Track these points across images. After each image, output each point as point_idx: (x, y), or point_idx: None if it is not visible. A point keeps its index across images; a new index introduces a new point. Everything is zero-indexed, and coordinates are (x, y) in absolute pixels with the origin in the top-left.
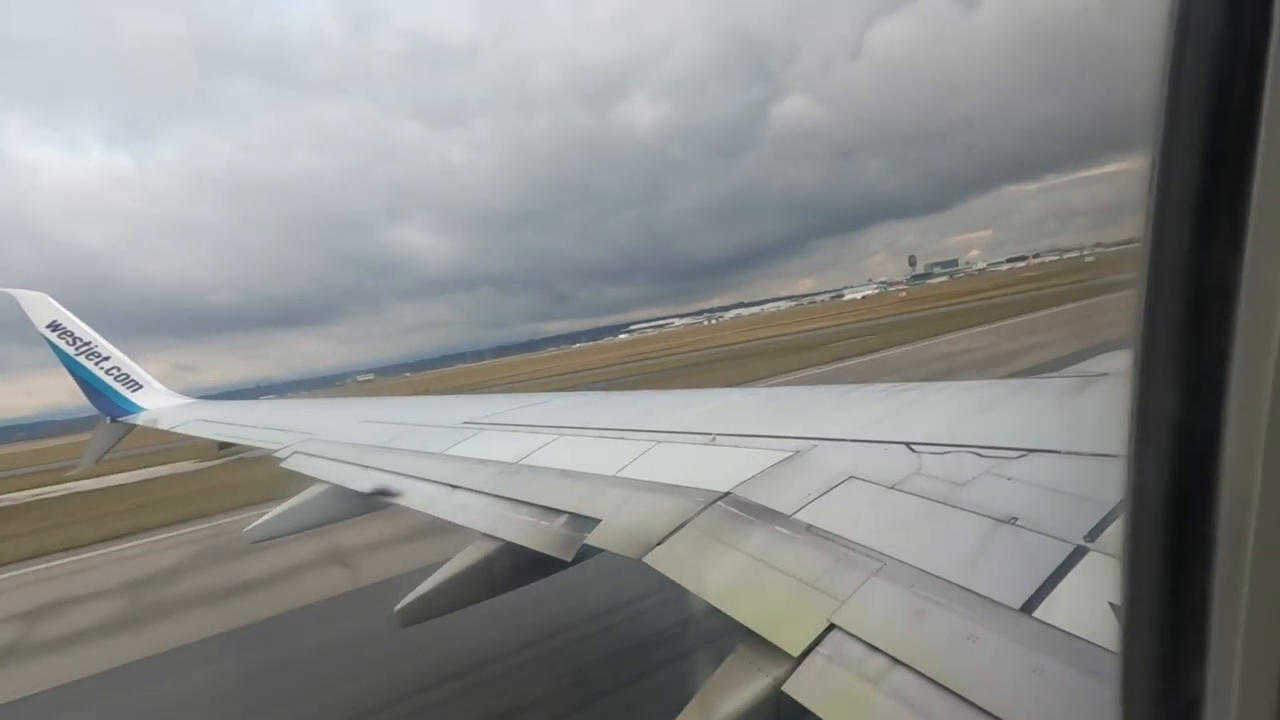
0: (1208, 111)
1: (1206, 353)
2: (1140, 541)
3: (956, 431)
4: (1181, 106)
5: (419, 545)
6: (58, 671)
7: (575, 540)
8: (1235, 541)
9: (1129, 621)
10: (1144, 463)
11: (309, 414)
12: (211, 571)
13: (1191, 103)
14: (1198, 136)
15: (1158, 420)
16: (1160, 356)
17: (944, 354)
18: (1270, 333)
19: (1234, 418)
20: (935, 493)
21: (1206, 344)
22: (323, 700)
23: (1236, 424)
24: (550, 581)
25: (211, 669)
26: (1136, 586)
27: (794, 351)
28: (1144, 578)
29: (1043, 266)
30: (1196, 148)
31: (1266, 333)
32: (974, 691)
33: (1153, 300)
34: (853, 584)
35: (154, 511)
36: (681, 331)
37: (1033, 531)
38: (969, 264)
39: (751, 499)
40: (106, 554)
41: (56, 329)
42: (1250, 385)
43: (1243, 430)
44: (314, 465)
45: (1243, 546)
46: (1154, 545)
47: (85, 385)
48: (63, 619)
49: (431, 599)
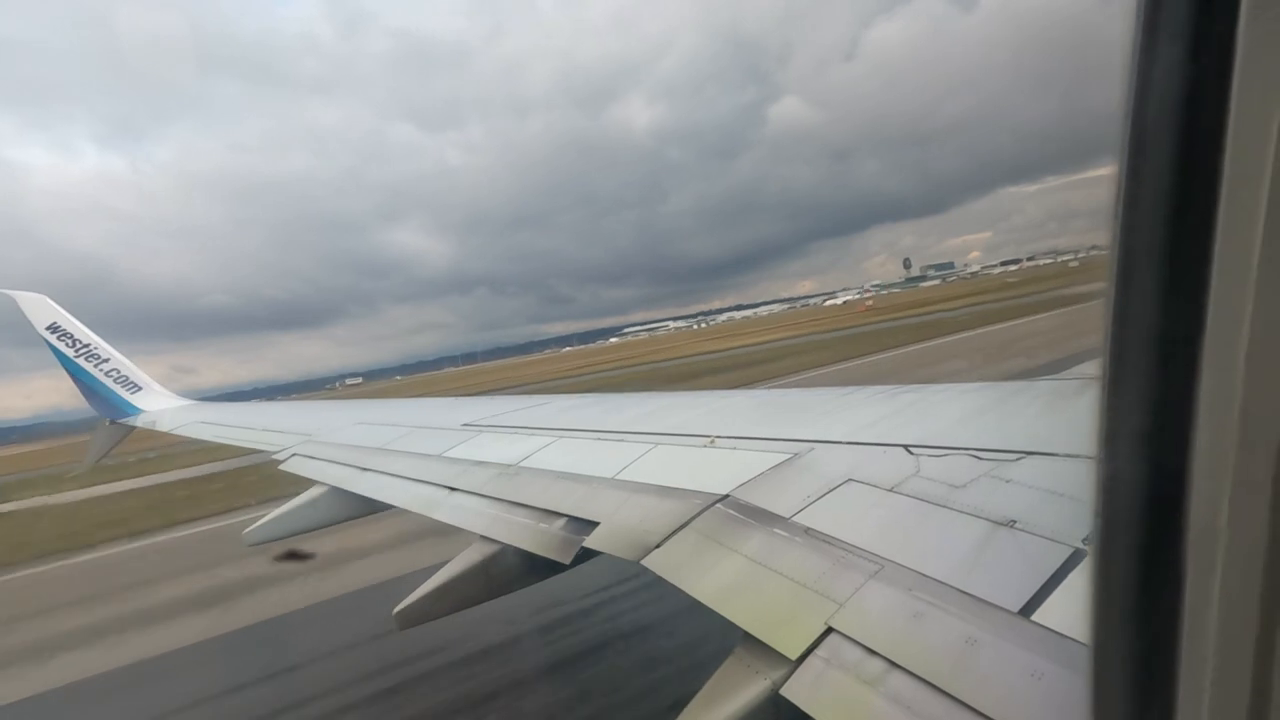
0: (1174, 120)
1: (1174, 359)
2: (1112, 547)
3: (955, 434)
4: (1147, 115)
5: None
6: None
7: (574, 543)
8: (1206, 544)
9: (1100, 625)
10: (1114, 469)
11: (308, 416)
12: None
13: (1158, 112)
14: (1164, 145)
15: (1126, 427)
16: (1130, 363)
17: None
18: (1237, 336)
19: (1204, 424)
20: (934, 495)
21: (1174, 350)
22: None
23: (1206, 430)
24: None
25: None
26: (1108, 590)
27: (691, 377)
28: (1115, 582)
29: (1032, 270)
30: (1163, 156)
31: (1233, 338)
32: (972, 695)
33: (1121, 308)
34: (851, 587)
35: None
36: (667, 336)
37: (1031, 534)
38: (965, 266)
39: (750, 501)
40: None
41: (56, 331)
42: (1219, 392)
43: (1212, 436)
44: (313, 467)
45: (1213, 549)
46: (1126, 549)
47: (84, 387)
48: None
49: (430, 602)
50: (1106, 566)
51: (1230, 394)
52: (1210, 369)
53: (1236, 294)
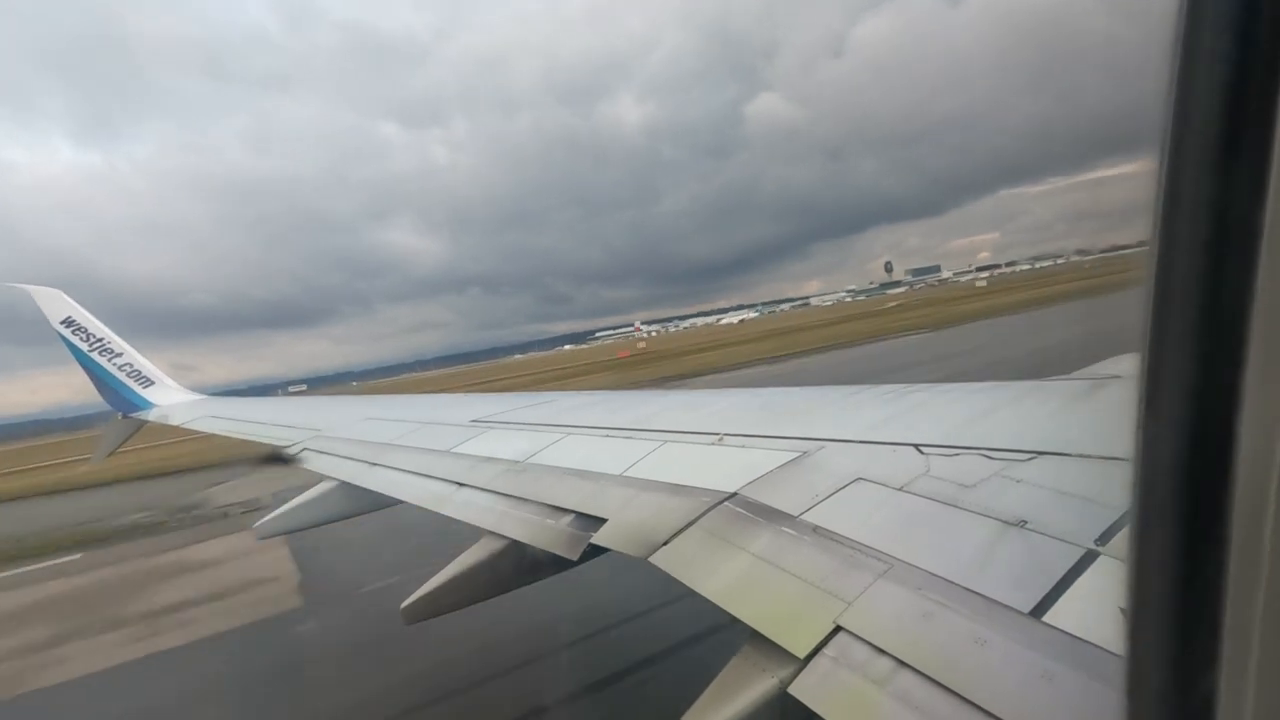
0: (1220, 113)
1: (1218, 353)
2: (1149, 543)
3: (965, 433)
4: (1193, 107)
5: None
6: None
7: (581, 539)
8: (1250, 541)
9: (1136, 624)
10: (1154, 464)
11: (318, 411)
12: None
13: (1204, 103)
14: (1211, 137)
15: (1168, 421)
16: (1171, 358)
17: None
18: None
19: (1249, 418)
20: (944, 494)
21: (1218, 344)
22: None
23: (1251, 425)
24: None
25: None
26: (1145, 589)
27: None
28: (1153, 580)
29: (1002, 279)
30: (1210, 148)
31: (1275, 331)
32: (982, 696)
33: (1162, 303)
34: (860, 586)
35: None
36: (616, 343)
37: (1043, 535)
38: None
39: (758, 499)
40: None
41: (71, 325)
42: (1265, 386)
43: (1257, 431)
44: (323, 462)
45: (1258, 547)
46: (1164, 547)
47: (98, 381)
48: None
49: (437, 597)
50: (1142, 571)
51: (1273, 395)
52: (1256, 361)
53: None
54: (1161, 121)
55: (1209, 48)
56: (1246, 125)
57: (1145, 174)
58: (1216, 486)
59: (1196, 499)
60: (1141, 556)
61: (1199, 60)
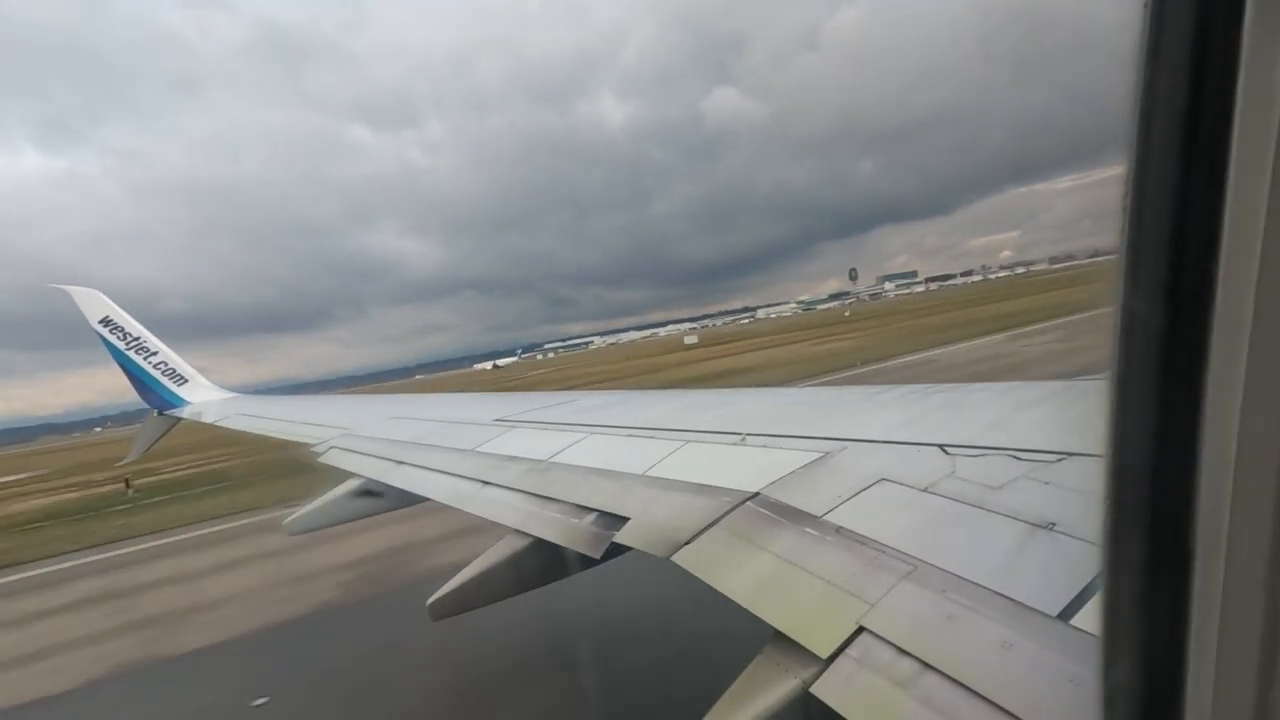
0: (1181, 121)
1: (1181, 361)
2: (1119, 550)
3: (992, 434)
4: (1155, 117)
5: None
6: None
7: (604, 538)
8: (1211, 549)
9: (1109, 628)
10: (1121, 472)
11: (346, 410)
12: None
13: (1166, 112)
14: (1172, 146)
15: (1135, 430)
16: (1137, 366)
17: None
18: (1240, 336)
19: (1210, 428)
20: (969, 496)
21: (1181, 352)
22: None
23: (1213, 434)
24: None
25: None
26: (1115, 593)
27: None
28: (1122, 584)
29: (973, 288)
30: (1171, 155)
31: (1237, 337)
32: (1007, 699)
33: (1129, 310)
34: (883, 587)
35: None
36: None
37: (1071, 537)
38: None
39: (781, 500)
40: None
41: (109, 324)
42: (1225, 395)
43: (1219, 439)
44: (351, 460)
45: (1217, 554)
46: (1132, 553)
47: (135, 379)
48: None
49: (462, 593)
50: (1115, 571)
51: (1233, 398)
52: (1216, 372)
53: (1239, 296)
54: (1127, 131)
55: (1167, 59)
56: (1204, 134)
57: (1117, 178)
58: (1182, 484)
59: (1163, 506)
60: (1113, 563)
61: (1158, 73)
